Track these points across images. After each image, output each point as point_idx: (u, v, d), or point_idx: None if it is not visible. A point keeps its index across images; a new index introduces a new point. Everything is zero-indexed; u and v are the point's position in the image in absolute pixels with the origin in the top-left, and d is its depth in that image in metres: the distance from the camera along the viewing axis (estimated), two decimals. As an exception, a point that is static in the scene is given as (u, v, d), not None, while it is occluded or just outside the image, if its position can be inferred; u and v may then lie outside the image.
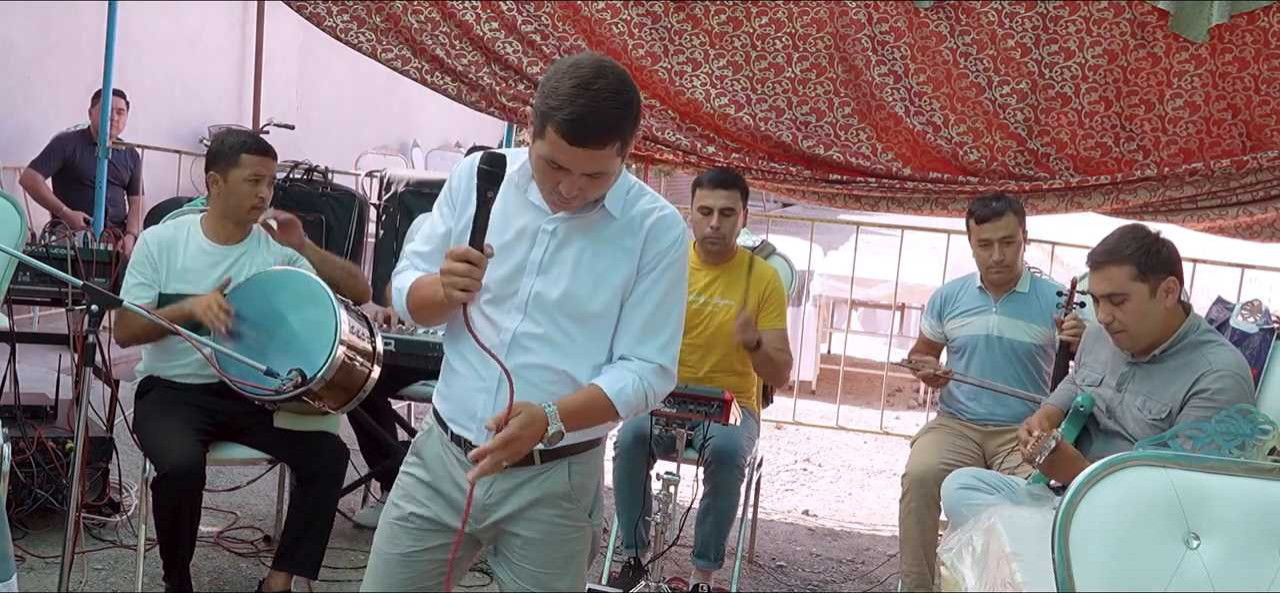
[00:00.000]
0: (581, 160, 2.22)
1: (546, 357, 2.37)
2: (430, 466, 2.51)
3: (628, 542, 4.17)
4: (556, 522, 2.49)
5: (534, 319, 2.37)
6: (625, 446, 4.12)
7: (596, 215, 2.37)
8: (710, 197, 4.22)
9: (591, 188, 2.28)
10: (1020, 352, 4.23)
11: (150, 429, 3.66)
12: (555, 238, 2.37)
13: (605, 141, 2.21)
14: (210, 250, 3.84)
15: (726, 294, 4.28)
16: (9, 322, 4.55)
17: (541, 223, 2.38)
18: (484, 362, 2.37)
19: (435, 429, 2.52)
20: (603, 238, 2.37)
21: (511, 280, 2.38)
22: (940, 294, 4.47)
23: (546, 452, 2.40)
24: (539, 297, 2.37)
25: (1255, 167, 4.46)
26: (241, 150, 3.80)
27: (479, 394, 2.40)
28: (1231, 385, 3.22)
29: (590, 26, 4.85)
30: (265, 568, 3.93)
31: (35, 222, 5.89)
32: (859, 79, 4.75)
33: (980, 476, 3.78)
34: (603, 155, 2.22)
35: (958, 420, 4.29)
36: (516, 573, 2.50)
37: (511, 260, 2.38)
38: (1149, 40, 4.50)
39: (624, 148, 2.28)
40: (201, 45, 10.14)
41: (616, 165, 2.30)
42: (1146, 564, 2.06)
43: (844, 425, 6.63)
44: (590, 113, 2.18)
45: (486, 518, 2.47)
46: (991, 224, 4.18)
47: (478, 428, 2.38)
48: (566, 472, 2.47)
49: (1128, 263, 3.30)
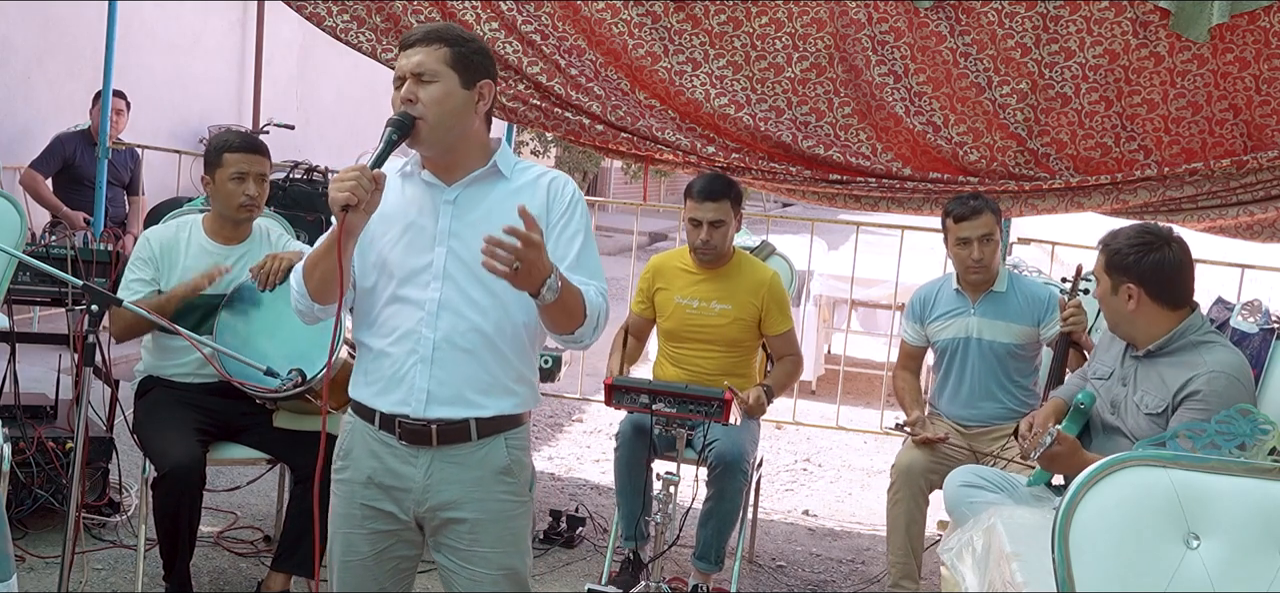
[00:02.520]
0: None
1: (474, 317, 2.46)
2: (360, 462, 2.55)
3: (627, 535, 4.16)
4: (501, 499, 2.54)
5: (454, 284, 2.46)
6: (625, 437, 4.12)
7: (490, 178, 2.52)
8: (698, 209, 4.20)
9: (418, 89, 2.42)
10: (999, 352, 4.22)
11: (150, 429, 3.66)
12: (457, 205, 2.49)
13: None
14: (212, 250, 3.84)
15: (724, 298, 4.27)
16: (9, 322, 4.54)
17: (441, 197, 2.50)
18: (413, 332, 2.46)
19: (358, 425, 2.56)
20: (500, 196, 2.50)
21: (423, 253, 2.48)
22: (918, 298, 4.44)
23: (483, 427, 2.49)
24: (455, 260, 2.46)
25: (1255, 166, 4.46)
26: (224, 150, 3.80)
27: (414, 367, 2.47)
28: (1224, 386, 3.21)
29: (590, 26, 4.85)
30: (265, 568, 3.93)
31: (35, 222, 5.89)
32: (859, 79, 4.75)
33: (982, 473, 3.78)
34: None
35: (945, 421, 4.30)
36: (466, 558, 2.53)
37: (420, 235, 2.49)
38: (1150, 40, 4.50)
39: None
40: (201, 45, 10.14)
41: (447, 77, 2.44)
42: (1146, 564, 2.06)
43: (844, 426, 6.63)
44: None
45: (427, 501, 2.51)
46: (970, 222, 4.17)
47: (415, 400, 2.45)
48: (503, 446, 2.54)
49: (1101, 253, 3.41)
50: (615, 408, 3.77)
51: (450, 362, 2.46)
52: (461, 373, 2.47)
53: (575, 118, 4.86)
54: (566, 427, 6.71)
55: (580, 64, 4.85)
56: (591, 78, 4.85)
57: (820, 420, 6.78)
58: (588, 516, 5.01)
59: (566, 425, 6.73)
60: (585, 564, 4.57)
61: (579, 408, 6.96)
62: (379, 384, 2.51)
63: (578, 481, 5.67)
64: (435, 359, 2.45)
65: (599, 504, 5.26)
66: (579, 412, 6.96)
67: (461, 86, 2.45)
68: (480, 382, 2.48)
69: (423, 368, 2.46)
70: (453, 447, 2.49)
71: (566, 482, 5.64)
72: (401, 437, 2.50)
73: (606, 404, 3.77)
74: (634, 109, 4.87)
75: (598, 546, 4.71)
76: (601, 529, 4.90)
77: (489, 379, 2.49)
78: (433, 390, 2.46)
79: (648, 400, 3.66)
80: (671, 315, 4.33)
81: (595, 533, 4.89)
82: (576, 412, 6.95)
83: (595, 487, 5.59)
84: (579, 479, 5.69)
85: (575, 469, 5.89)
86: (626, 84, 4.90)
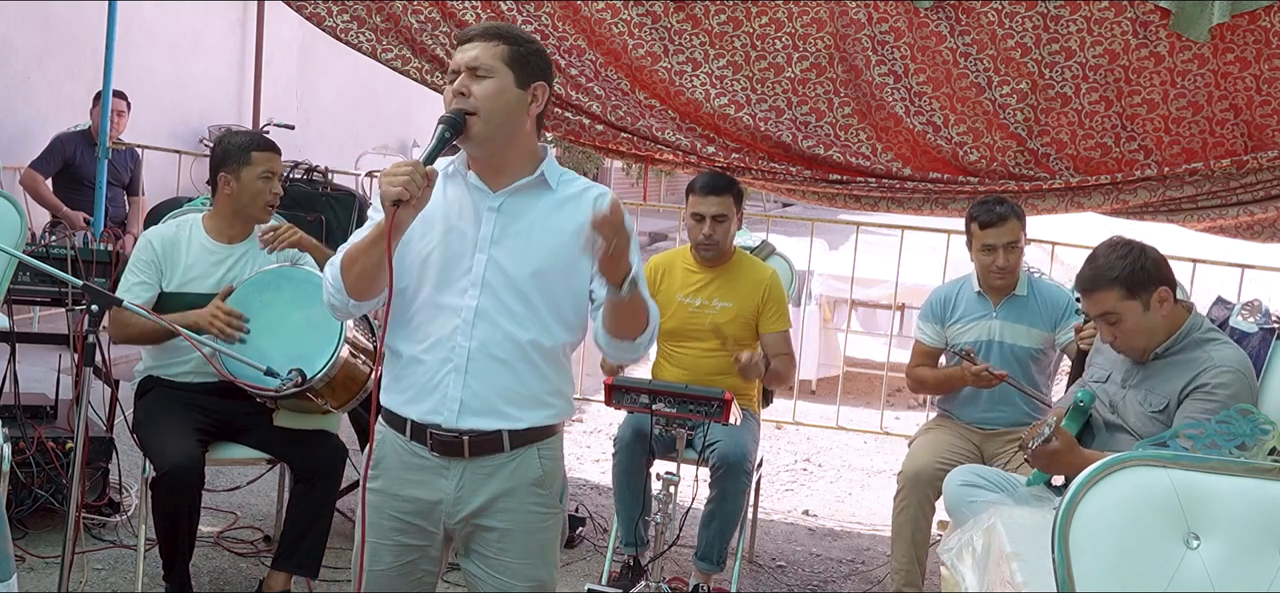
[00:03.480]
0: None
1: (511, 328, 2.41)
2: (391, 473, 2.50)
3: (626, 540, 4.16)
4: (531, 510, 2.50)
5: (493, 293, 2.41)
6: (624, 442, 4.12)
7: (537, 188, 2.46)
8: (702, 204, 4.20)
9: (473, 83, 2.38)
10: (1020, 355, 4.21)
11: (150, 429, 3.66)
12: (501, 213, 2.44)
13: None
14: (213, 249, 3.84)
15: (725, 296, 4.27)
16: (9, 322, 4.54)
17: (485, 202, 2.45)
18: (449, 341, 2.40)
19: (389, 435, 2.50)
20: (546, 208, 2.45)
21: (463, 259, 2.42)
22: (937, 299, 4.41)
23: (515, 438, 2.45)
24: (496, 269, 2.41)
25: (1255, 166, 4.46)
26: (253, 148, 3.81)
27: (447, 376, 2.41)
28: (1232, 381, 3.22)
29: (590, 26, 4.85)
30: (265, 568, 3.93)
31: (35, 222, 5.89)
32: (859, 79, 4.75)
33: (982, 473, 3.77)
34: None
35: (956, 422, 4.29)
36: (494, 567, 2.49)
37: (461, 240, 2.43)
38: (1151, 40, 4.50)
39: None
40: (201, 45, 10.14)
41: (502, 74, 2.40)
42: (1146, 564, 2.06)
43: (844, 426, 6.63)
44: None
45: (459, 512, 2.47)
46: (996, 229, 4.16)
47: (448, 410, 2.40)
48: (536, 457, 2.50)
49: (1114, 285, 3.29)
50: (615, 408, 3.77)
51: (485, 372, 2.40)
52: (496, 384, 2.41)
53: (575, 118, 4.86)
54: (566, 427, 6.68)
55: (580, 64, 4.85)
56: (591, 78, 4.85)
57: (820, 421, 6.78)
58: (588, 516, 5.01)
59: (567, 425, 6.72)
60: (585, 564, 4.57)
61: (579, 408, 6.96)
62: (411, 392, 2.45)
63: (578, 481, 5.67)
64: (470, 369, 2.39)
65: (599, 504, 5.26)
66: (579, 412, 6.96)
67: (516, 86, 2.39)
68: (515, 394, 2.43)
69: (456, 377, 2.40)
70: (485, 457, 2.44)
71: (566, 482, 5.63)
72: (433, 448, 2.44)
73: (606, 404, 3.77)
74: (634, 109, 4.87)
75: (598, 546, 4.71)
76: (601, 530, 4.90)
77: (524, 391, 2.44)
78: (465, 400, 2.40)
79: (648, 401, 3.66)
80: (673, 314, 4.33)
81: (595, 533, 4.89)
82: (577, 412, 6.95)
83: (595, 487, 5.59)
84: (579, 479, 5.69)
85: (575, 469, 5.88)
86: (626, 84, 4.90)
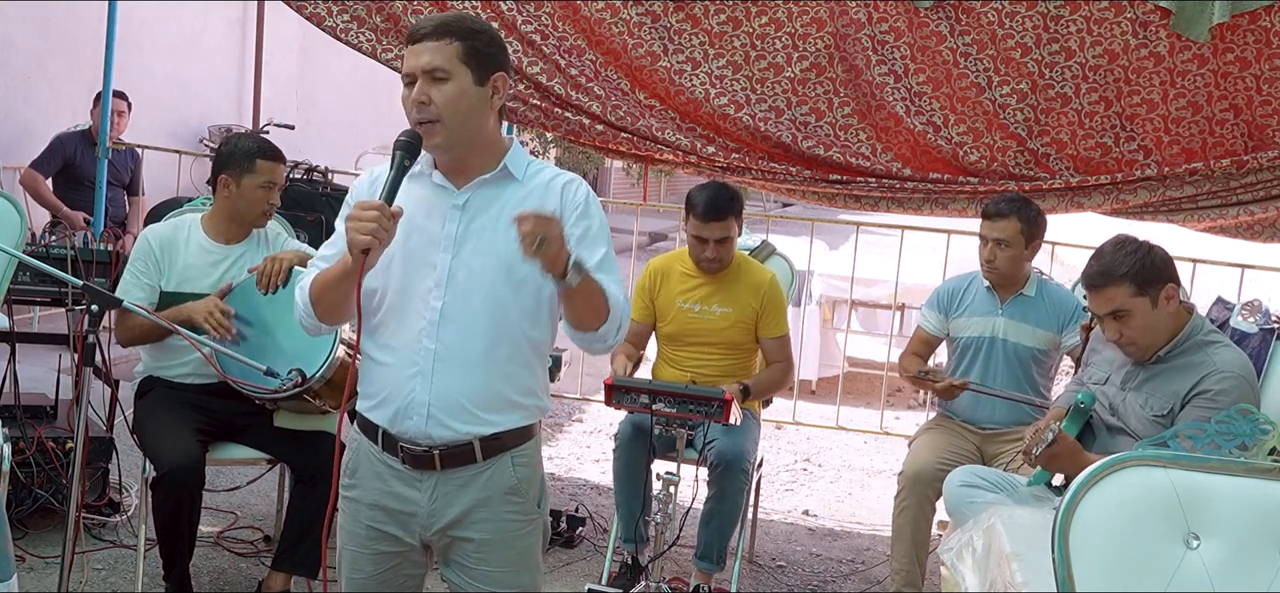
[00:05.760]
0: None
1: (477, 328, 2.37)
2: (366, 483, 2.48)
3: (626, 536, 4.16)
4: (507, 518, 2.46)
5: (458, 293, 2.36)
6: (625, 438, 4.12)
7: (501, 181, 2.42)
8: (704, 229, 4.18)
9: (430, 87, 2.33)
10: (1022, 355, 4.21)
11: (150, 429, 3.66)
12: (465, 211, 2.40)
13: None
14: (211, 249, 3.84)
15: (724, 302, 4.27)
16: (9, 322, 4.54)
17: (449, 200, 2.41)
18: (415, 343, 2.36)
19: (363, 443, 2.48)
20: (512, 200, 2.39)
21: (427, 260, 2.38)
22: (946, 289, 4.43)
23: (487, 447, 2.40)
24: (462, 268, 2.37)
25: (1255, 166, 4.45)
26: (257, 156, 3.79)
27: (413, 380, 2.38)
28: (1234, 386, 3.22)
29: (590, 26, 4.85)
30: (265, 568, 3.93)
31: (35, 222, 5.89)
32: (859, 79, 4.75)
33: (982, 473, 3.77)
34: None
35: (956, 422, 4.28)
36: (473, 576, 2.47)
37: (426, 240, 2.38)
38: (1150, 40, 4.50)
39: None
40: (201, 45, 10.14)
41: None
42: (1146, 564, 2.06)
43: (844, 426, 6.63)
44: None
45: (434, 524, 2.44)
46: (990, 223, 4.17)
47: (416, 415, 2.36)
48: (510, 465, 2.45)
49: (1125, 280, 3.29)
50: (615, 408, 3.77)
51: (452, 375, 2.35)
52: (463, 386, 2.36)
53: (575, 118, 4.86)
54: (566, 427, 6.70)
55: (580, 64, 4.85)
56: (591, 78, 4.85)
57: (820, 421, 6.77)
58: (588, 516, 5.01)
59: (566, 426, 6.72)
60: (585, 564, 4.57)
61: (579, 408, 6.96)
62: (379, 397, 2.42)
63: (578, 480, 5.67)
64: (436, 372, 2.35)
65: (599, 504, 5.26)
66: (579, 412, 6.95)
67: (475, 84, 2.34)
68: (483, 396, 2.38)
69: (423, 381, 2.36)
70: (458, 469, 2.41)
71: (566, 482, 5.63)
72: (405, 461, 2.42)
73: (606, 404, 3.77)
74: (634, 109, 4.86)
75: (598, 546, 4.71)
76: (601, 529, 4.90)
77: (492, 393, 2.39)
78: (433, 404, 2.36)
79: (648, 401, 3.66)
80: (673, 319, 4.32)
81: (595, 533, 4.89)
82: (576, 412, 6.95)
83: (595, 487, 5.59)
84: (579, 479, 5.69)
85: (575, 469, 5.88)
86: (626, 84, 4.90)
